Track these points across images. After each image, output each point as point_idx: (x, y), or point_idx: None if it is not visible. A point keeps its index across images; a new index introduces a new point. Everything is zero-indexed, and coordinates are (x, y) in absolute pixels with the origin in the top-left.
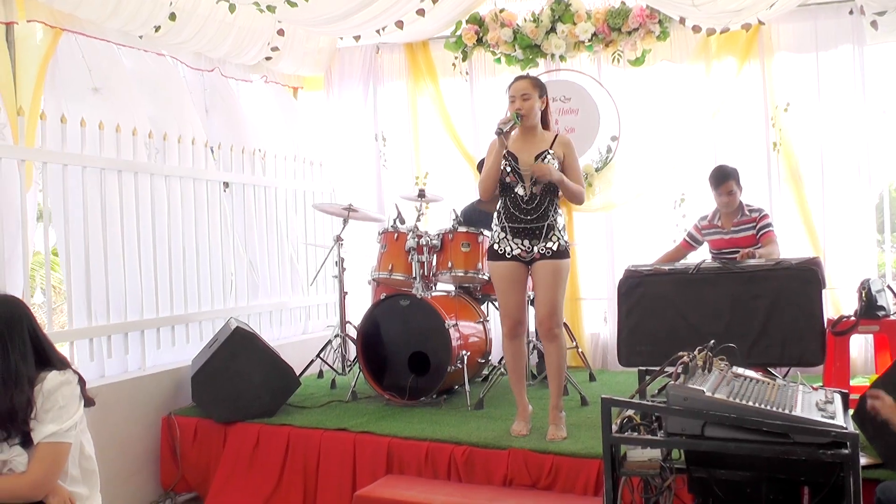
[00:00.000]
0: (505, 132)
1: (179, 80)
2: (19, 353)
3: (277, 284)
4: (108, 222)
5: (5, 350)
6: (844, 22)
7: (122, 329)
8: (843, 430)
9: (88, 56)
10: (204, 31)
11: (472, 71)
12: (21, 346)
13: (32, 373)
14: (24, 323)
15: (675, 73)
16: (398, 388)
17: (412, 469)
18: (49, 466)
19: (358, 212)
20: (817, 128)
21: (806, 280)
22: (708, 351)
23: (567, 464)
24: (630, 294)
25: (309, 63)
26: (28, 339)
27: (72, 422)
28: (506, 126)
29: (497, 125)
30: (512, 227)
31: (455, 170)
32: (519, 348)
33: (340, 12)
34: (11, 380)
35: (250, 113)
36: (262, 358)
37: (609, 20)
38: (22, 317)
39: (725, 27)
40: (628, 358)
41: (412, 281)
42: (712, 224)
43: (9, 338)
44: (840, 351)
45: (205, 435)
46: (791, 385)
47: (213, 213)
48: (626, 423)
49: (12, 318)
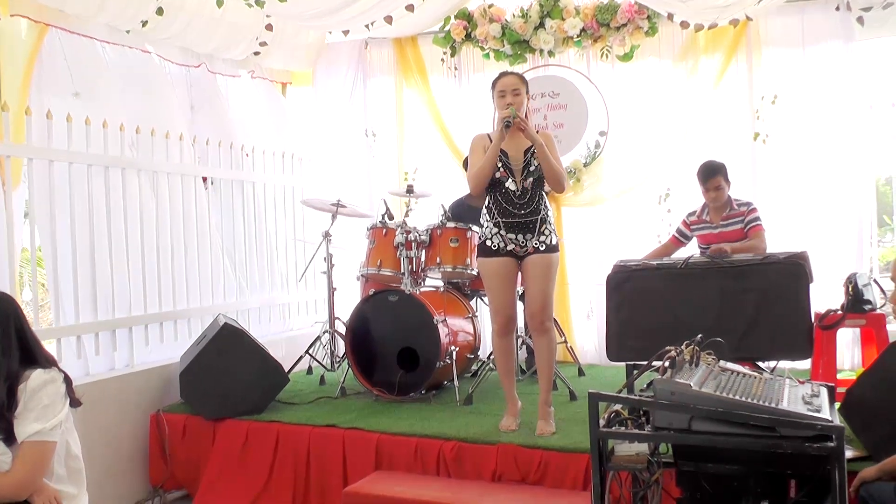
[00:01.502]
0: (511, 126)
1: (165, 77)
2: (2, 348)
3: (266, 280)
4: (95, 219)
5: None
6: (832, 17)
7: (110, 326)
8: (828, 423)
9: (72, 53)
10: (192, 26)
11: (460, 66)
12: (5, 340)
13: (15, 369)
14: (10, 319)
15: (664, 69)
16: (387, 383)
17: (402, 465)
18: (33, 465)
19: (346, 207)
20: (804, 122)
21: (793, 274)
22: (695, 345)
23: (556, 459)
24: (619, 289)
25: (297, 58)
26: (14, 335)
27: (56, 420)
28: (511, 120)
29: (502, 120)
30: (506, 222)
31: (444, 165)
32: (509, 344)
33: (329, 7)
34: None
35: (238, 109)
36: (250, 354)
37: (598, 16)
38: (9, 314)
39: (713, 23)
40: (617, 353)
41: (401, 276)
42: (701, 219)
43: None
44: (827, 345)
45: (194, 432)
46: (778, 379)
47: (201, 210)
48: (614, 417)
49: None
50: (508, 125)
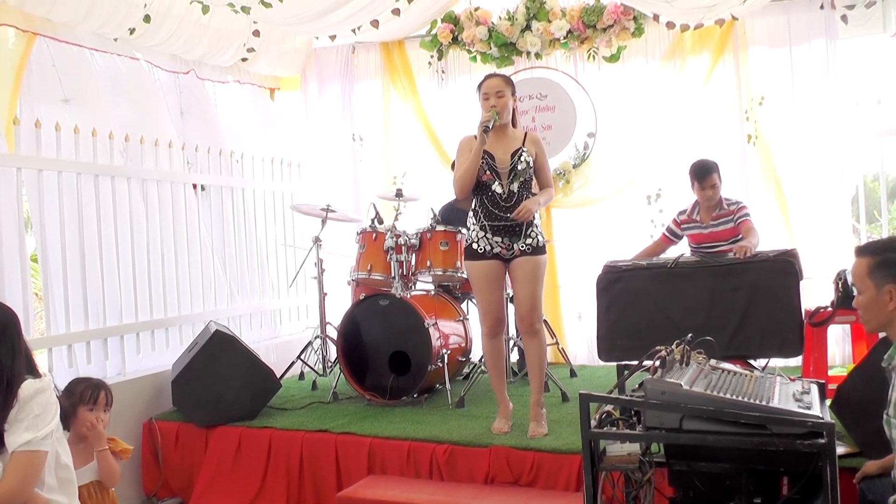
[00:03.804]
0: (489, 130)
1: (154, 84)
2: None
3: (257, 287)
4: (85, 227)
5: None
6: (816, 16)
7: (102, 335)
8: (819, 419)
9: (61, 61)
10: (179, 33)
11: (447, 70)
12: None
13: (16, 379)
14: (18, 328)
15: (651, 70)
16: (379, 388)
17: (394, 469)
18: (24, 475)
19: (336, 212)
20: (792, 121)
21: (784, 272)
22: (685, 344)
23: (548, 460)
24: (609, 289)
25: (285, 64)
26: (22, 344)
27: (48, 430)
28: (490, 124)
29: (481, 124)
30: (492, 226)
31: (432, 169)
32: (499, 346)
33: (315, 12)
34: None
35: (227, 114)
36: (242, 361)
37: (584, 17)
38: (16, 322)
39: (699, 23)
40: (608, 353)
41: (391, 281)
42: (691, 218)
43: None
44: (818, 341)
45: (186, 439)
46: (768, 376)
47: (190, 216)
48: (605, 418)
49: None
50: (486, 129)
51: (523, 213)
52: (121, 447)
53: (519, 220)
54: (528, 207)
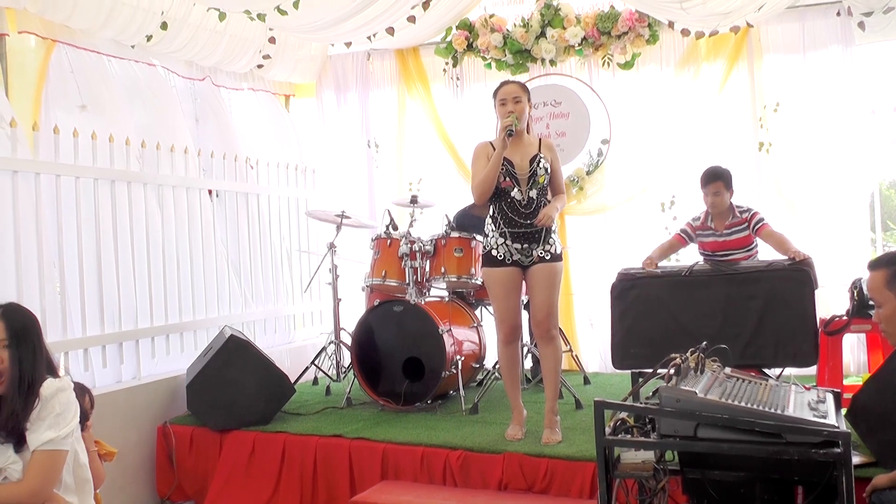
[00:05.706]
0: (513, 134)
1: (170, 90)
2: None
3: (272, 292)
4: (101, 232)
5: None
6: (832, 23)
7: (117, 339)
8: (834, 429)
9: (79, 68)
10: (195, 40)
11: (462, 76)
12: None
13: (38, 380)
14: (39, 331)
15: (665, 77)
16: (393, 393)
17: (408, 474)
18: (46, 474)
19: (351, 218)
20: (807, 128)
21: (798, 280)
22: (700, 352)
23: (562, 467)
24: (623, 297)
25: (300, 70)
26: (42, 346)
27: (69, 429)
28: (513, 128)
29: (504, 129)
30: (512, 232)
31: (447, 175)
32: (514, 353)
33: (331, 19)
34: (26, 383)
35: (242, 121)
36: (256, 365)
37: (598, 24)
38: (37, 325)
39: (714, 30)
40: (622, 361)
41: (405, 287)
42: (706, 225)
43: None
44: (833, 350)
45: (200, 443)
46: (783, 385)
47: (205, 222)
48: (620, 425)
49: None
50: (510, 133)
51: (544, 220)
52: (106, 450)
53: (540, 226)
54: (548, 214)
